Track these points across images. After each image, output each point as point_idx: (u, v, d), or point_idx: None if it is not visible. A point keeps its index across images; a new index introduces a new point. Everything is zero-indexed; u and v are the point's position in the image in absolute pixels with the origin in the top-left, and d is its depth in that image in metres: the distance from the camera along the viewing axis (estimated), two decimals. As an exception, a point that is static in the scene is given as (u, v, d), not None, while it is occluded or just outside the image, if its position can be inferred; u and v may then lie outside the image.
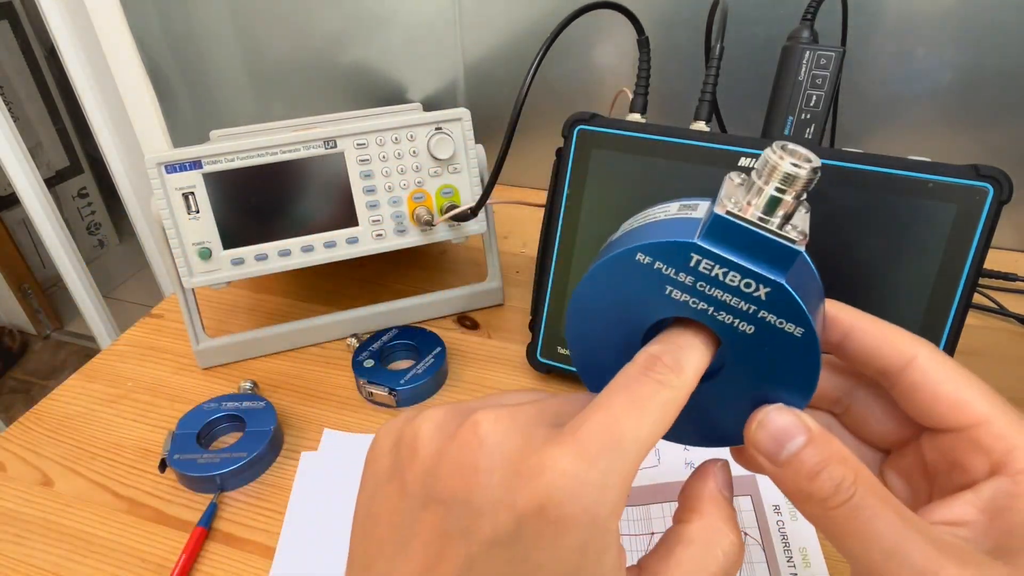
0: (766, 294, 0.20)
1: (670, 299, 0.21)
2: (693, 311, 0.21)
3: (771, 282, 0.19)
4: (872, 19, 0.61)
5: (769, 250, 0.19)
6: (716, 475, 0.22)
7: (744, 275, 0.20)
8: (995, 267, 0.60)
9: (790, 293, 0.19)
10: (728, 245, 0.20)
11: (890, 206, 0.39)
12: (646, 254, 0.21)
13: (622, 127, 0.44)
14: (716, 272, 0.20)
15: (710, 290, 0.20)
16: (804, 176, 0.19)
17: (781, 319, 0.20)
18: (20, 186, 1.11)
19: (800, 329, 0.20)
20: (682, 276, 0.20)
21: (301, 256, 0.52)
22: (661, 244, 0.20)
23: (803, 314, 0.20)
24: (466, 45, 0.76)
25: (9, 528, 0.43)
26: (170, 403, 0.52)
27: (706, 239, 0.20)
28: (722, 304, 0.20)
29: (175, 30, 0.87)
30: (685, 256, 0.20)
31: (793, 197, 0.19)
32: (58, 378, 1.70)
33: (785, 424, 0.20)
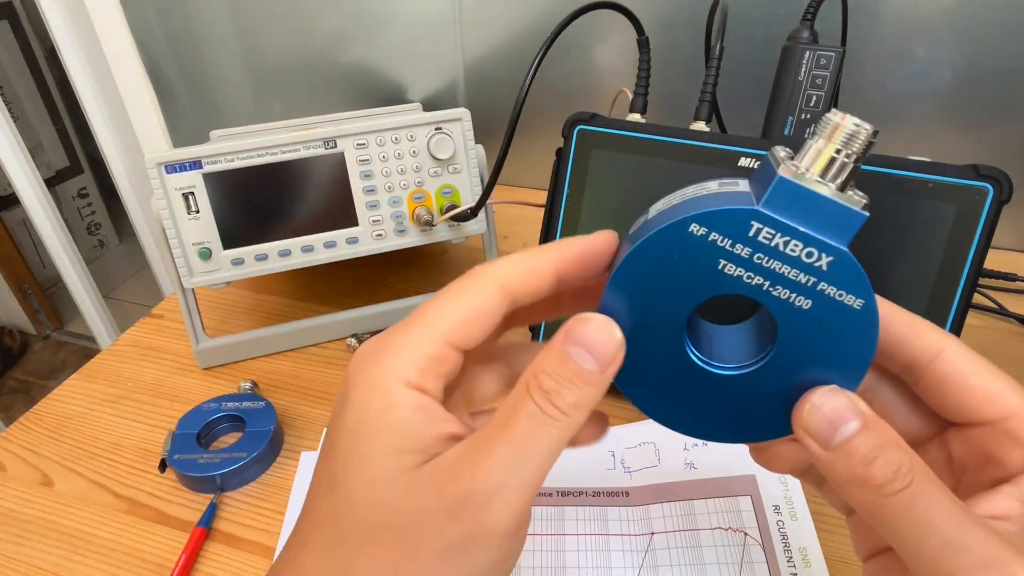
0: (828, 264, 0.18)
1: (723, 275, 0.19)
2: (748, 287, 0.19)
3: (836, 250, 0.18)
4: (872, 19, 0.61)
5: (833, 216, 0.18)
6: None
7: (807, 243, 0.18)
8: (995, 267, 0.60)
9: (855, 262, 0.18)
10: (791, 212, 0.18)
11: (890, 206, 0.39)
12: (701, 224, 0.19)
13: (622, 127, 0.44)
14: (777, 242, 0.19)
15: (768, 262, 0.19)
16: (864, 136, 0.18)
17: (842, 291, 0.19)
18: (20, 186, 1.11)
19: (860, 301, 0.19)
20: (739, 248, 0.19)
21: (301, 256, 0.52)
22: (719, 212, 0.19)
23: (866, 284, 0.19)
24: (466, 45, 0.76)
25: (9, 528, 0.43)
26: (170, 403, 0.52)
27: (769, 205, 0.18)
28: (779, 277, 0.19)
29: (175, 30, 0.87)
30: (745, 225, 0.19)
31: (852, 160, 0.18)
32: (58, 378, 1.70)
33: (839, 407, 0.19)
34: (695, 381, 0.21)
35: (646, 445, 0.44)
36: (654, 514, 0.40)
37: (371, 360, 0.21)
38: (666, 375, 0.21)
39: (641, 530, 0.39)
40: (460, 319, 0.21)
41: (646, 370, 0.21)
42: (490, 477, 0.19)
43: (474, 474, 0.19)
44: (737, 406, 0.21)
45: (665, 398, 0.22)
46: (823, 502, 0.41)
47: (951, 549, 0.18)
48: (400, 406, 0.20)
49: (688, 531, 0.39)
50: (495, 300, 0.21)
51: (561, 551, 0.38)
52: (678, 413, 0.22)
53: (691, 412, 0.22)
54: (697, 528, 0.39)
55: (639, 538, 0.39)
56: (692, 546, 0.38)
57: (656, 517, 0.40)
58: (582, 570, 0.37)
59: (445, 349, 0.21)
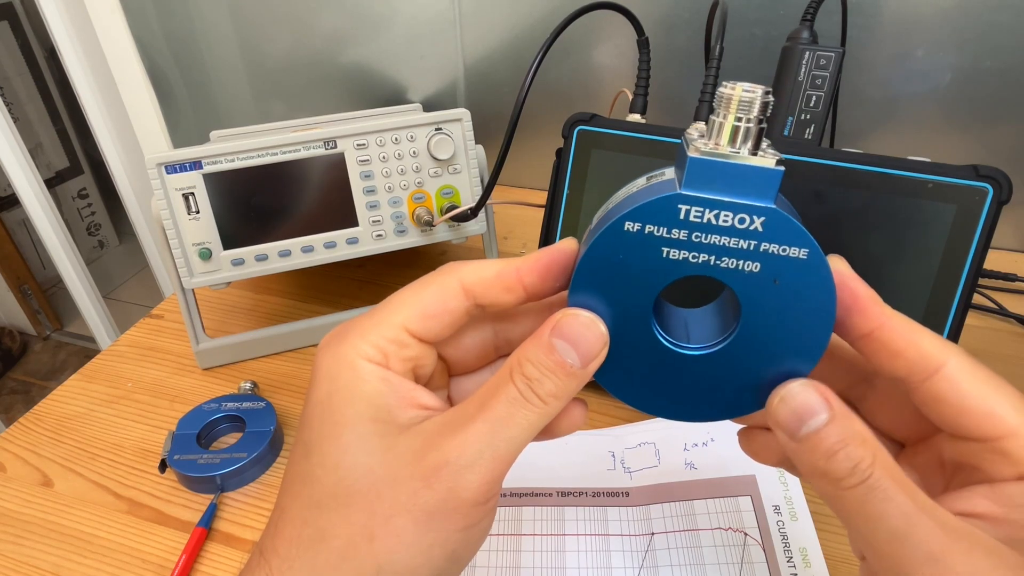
0: (762, 223, 0.19)
1: (670, 261, 0.20)
2: (694, 267, 0.20)
3: (764, 209, 0.19)
4: (872, 19, 0.61)
5: (752, 180, 0.19)
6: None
7: (736, 211, 0.19)
8: (995, 267, 0.60)
9: (786, 216, 0.19)
10: (712, 187, 0.19)
11: (890, 206, 0.39)
12: (634, 220, 0.20)
13: (622, 127, 0.44)
14: (708, 217, 0.19)
15: (707, 238, 0.20)
16: (759, 98, 0.19)
17: (783, 245, 0.20)
18: (20, 187, 1.11)
19: (804, 250, 0.19)
20: (675, 233, 0.20)
21: (301, 256, 0.52)
22: (646, 205, 0.20)
23: (802, 232, 0.19)
24: (466, 45, 0.76)
25: (9, 528, 0.43)
26: (170, 403, 0.52)
27: (689, 186, 0.19)
28: (722, 249, 0.20)
29: (175, 30, 0.87)
30: (673, 209, 0.20)
31: (755, 124, 0.19)
32: (58, 379, 1.70)
33: (808, 400, 0.20)
34: (670, 366, 0.22)
35: (646, 445, 0.44)
36: (654, 514, 0.40)
37: (336, 340, 0.22)
38: (641, 364, 0.22)
39: (641, 530, 0.39)
40: (420, 310, 0.22)
41: (621, 363, 0.22)
42: (466, 449, 0.20)
43: (450, 445, 0.20)
44: (715, 384, 0.22)
45: (643, 386, 0.23)
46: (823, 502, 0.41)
47: (898, 542, 0.19)
48: (368, 379, 0.21)
49: (688, 531, 0.39)
50: (455, 299, 0.22)
51: (561, 551, 0.38)
52: (657, 398, 0.23)
53: (669, 396, 0.23)
54: (697, 528, 0.39)
55: (639, 538, 0.39)
56: (692, 546, 0.38)
57: (656, 517, 0.40)
58: (582, 570, 0.37)
59: (405, 335, 0.22)
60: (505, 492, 0.42)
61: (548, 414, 0.21)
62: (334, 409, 0.21)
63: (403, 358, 0.22)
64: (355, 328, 0.22)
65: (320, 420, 0.21)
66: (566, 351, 0.21)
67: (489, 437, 0.20)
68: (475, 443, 0.20)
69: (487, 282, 0.22)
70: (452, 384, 0.26)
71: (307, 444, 0.21)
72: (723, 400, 0.22)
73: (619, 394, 0.23)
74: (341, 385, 0.21)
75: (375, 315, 0.22)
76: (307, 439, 0.21)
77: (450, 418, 0.21)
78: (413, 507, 0.20)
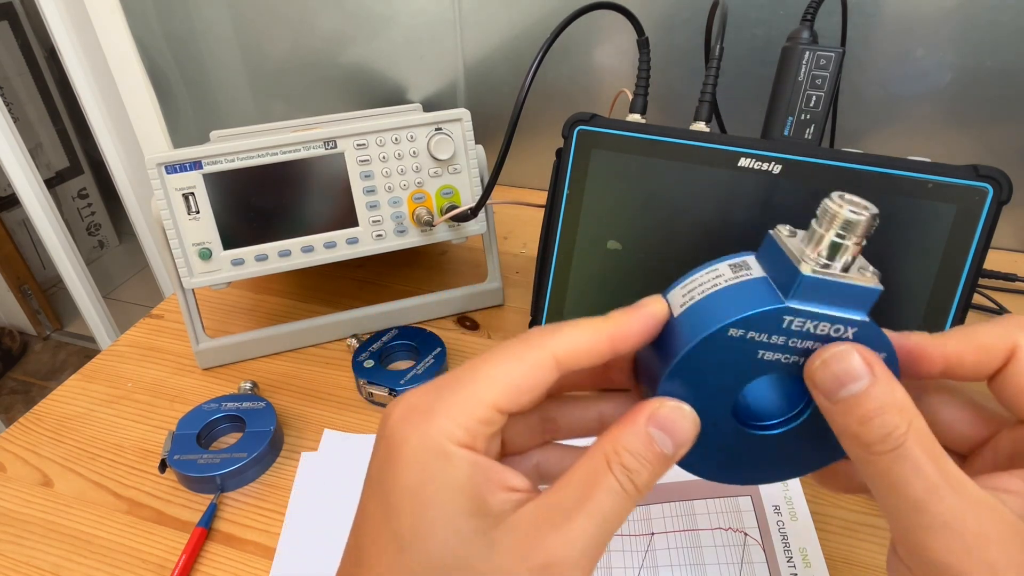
0: (854, 334, 0.21)
1: (763, 362, 0.21)
2: (785, 367, 0.21)
3: (859, 323, 0.20)
4: (872, 20, 0.61)
5: (854, 295, 0.20)
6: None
7: (834, 322, 0.21)
8: (995, 267, 0.60)
9: (876, 328, 0.21)
10: (816, 300, 0.20)
11: (890, 206, 0.39)
12: (739, 328, 0.21)
13: (622, 127, 0.44)
14: (808, 327, 0.21)
15: (802, 343, 0.21)
16: (865, 222, 0.20)
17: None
18: (20, 187, 1.11)
19: (883, 354, 0.21)
20: (775, 338, 0.21)
21: (301, 256, 0.52)
22: (754, 316, 0.21)
23: (885, 340, 0.21)
24: (466, 45, 0.76)
25: (9, 528, 0.43)
26: (170, 403, 0.52)
27: (796, 300, 0.20)
28: (811, 351, 0.21)
29: (175, 30, 0.87)
30: (778, 320, 0.21)
31: (854, 243, 0.20)
32: (58, 379, 1.70)
33: (849, 367, 0.20)
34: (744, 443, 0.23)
35: (646, 445, 0.44)
36: (654, 514, 0.40)
37: (421, 419, 0.21)
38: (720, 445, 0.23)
39: (641, 530, 0.39)
40: (513, 387, 0.21)
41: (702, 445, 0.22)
42: (573, 546, 0.20)
43: (556, 543, 0.20)
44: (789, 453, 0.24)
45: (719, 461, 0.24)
46: (823, 502, 0.41)
47: (917, 513, 0.19)
48: (459, 465, 0.20)
49: (688, 531, 0.39)
50: (548, 371, 0.21)
51: (561, 551, 0.38)
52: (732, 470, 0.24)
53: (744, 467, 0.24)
54: (697, 528, 0.39)
55: (639, 538, 0.39)
56: (692, 546, 0.38)
57: (656, 517, 0.40)
58: (582, 570, 0.37)
59: (494, 414, 0.21)
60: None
61: (639, 501, 0.21)
62: (427, 500, 0.20)
63: (488, 435, 0.21)
64: (441, 406, 0.21)
65: (411, 511, 0.20)
66: (663, 441, 0.21)
67: (593, 531, 0.20)
68: (581, 539, 0.20)
69: (579, 353, 0.22)
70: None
71: (398, 535, 0.20)
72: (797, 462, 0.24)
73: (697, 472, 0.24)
74: (432, 474, 0.20)
75: (461, 390, 0.21)
76: (396, 529, 0.20)
77: (551, 510, 0.20)
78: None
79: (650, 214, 0.44)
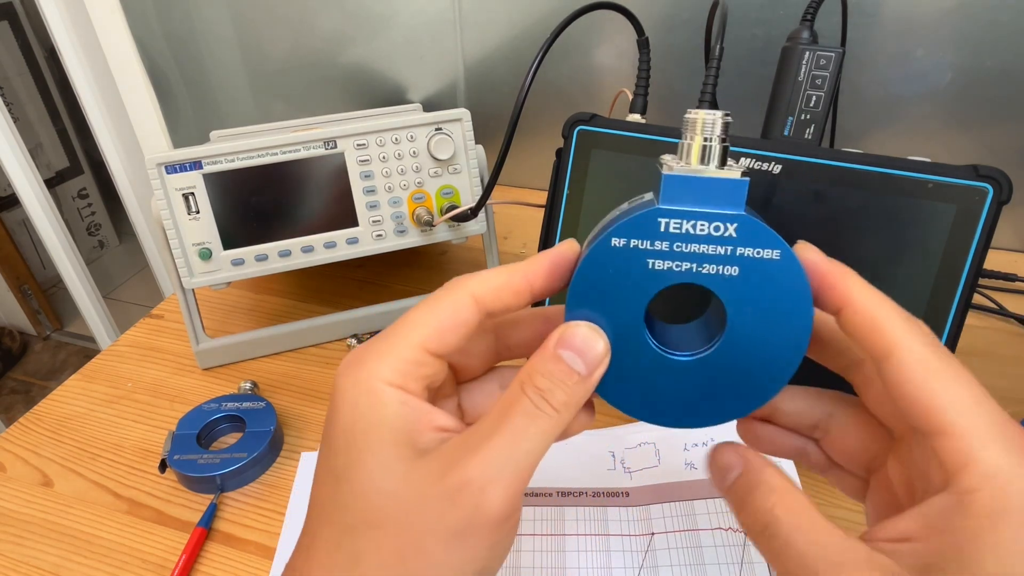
0: (735, 229, 0.21)
1: (655, 271, 0.22)
2: (679, 275, 0.22)
3: (735, 216, 0.21)
4: (872, 19, 0.61)
5: (722, 191, 0.21)
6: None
7: (711, 220, 0.21)
8: (995, 267, 0.60)
9: (756, 221, 0.21)
10: (686, 200, 0.21)
11: (890, 206, 0.39)
12: (619, 236, 0.22)
13: (622, 127, 0.44)
14: (686, 227, 0.21)
15: (687, 247, 0.22)
16: (720, 120, 0.22)
17: (758, 248, 0.21)
18: (20, 187, 1.11)
19: (777, 251, 0.21)
20: (658, 244, 0.22)
21: (301, 256, 0.52)
22: (629, 220, 0.22)
23: (774, 236, 0.21)
24: (466, 45, 0.76)
25: (9, 528, 0.43)
26: (170, 403, 0.52)
27: (666, 201, 0.21)
28: (702, 257, 0.22)
29: (175, 30, 0.87)
30: (653, 223, 0.21)
31: (718, 142, 0.22)
32: (58, 379, 1.70)
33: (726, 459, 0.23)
34: (665, 374, 0.23)
35: (646, 445, 0.44)
36: (654, 514, 0.40)
37: (355, 366, 0.22)
38: (637, 374, 0.23)
39: (641, 530, 0.39)
40: (435, 328, 0.22)
41: (619, 373, 0.23)
42: (487, 465, 0.20)
43: (471, 463, 0.20)
44: (708, 390, 0.23)
45: (640, 395, 0.24)
46: (823, 502, 0.41)
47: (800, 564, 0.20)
48: (387, 403, 0.21)
49: (688, 531, 0.39)
50: (468, 311, 0.23)
51: (561, 551, 0.38)
52: (653, 407, 0.24)
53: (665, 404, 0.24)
54: (697, 528, 0.39)
55: (639, 538, 0.39)
56: (692, 546, 0.38)
57: (656, 517, 0.40)
58: (582, 570, 0.37)
59: (422, 354, 0.22)
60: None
61: (561, 422, 0.22)
62: (357, 436, 0.21)
63: (419, 376, 0.22)
64: (372, 352, 0.22)
65: (345, 447, 0.21)
66: (573, 360, 0.22)
67: (508, 451, 0.21)
68: (495, 459, 0.20)
69: (496, 290, 0.23)
70: (461, 391, 0.26)
71: (334, 471, 0.22)
72: (719, 404, 0.23)
73: (618, 404, 0.24)
74: (362, 412, 0.21)
75: (391, 337, 0.22)
76: (333, 465, 0.22)
77: (468, 437, 0.21)
78: (440, 528, 0.20)
79: (650, 214, 0.44)
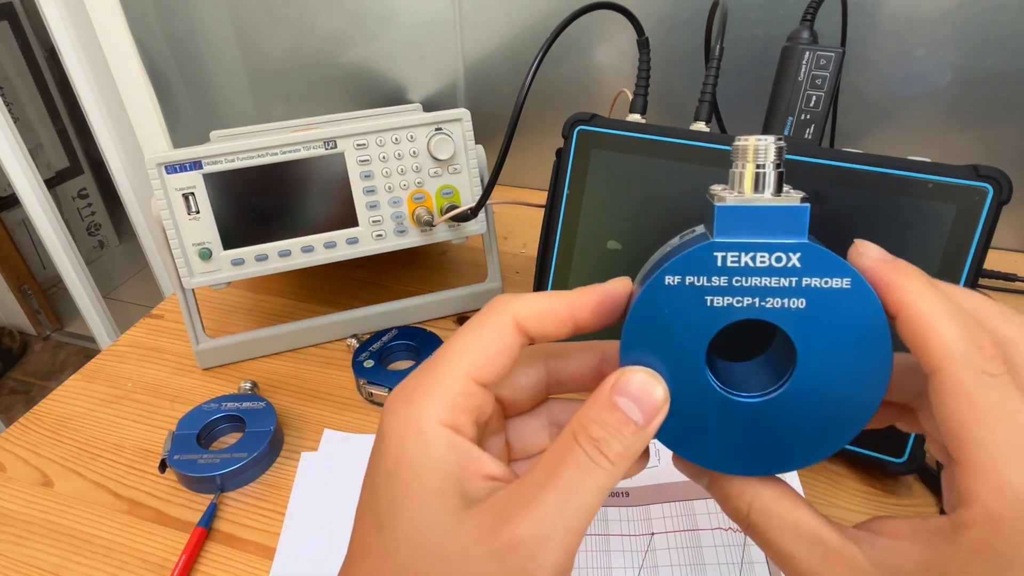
0: (799, 259, 0.19)
1: (714, 308, 0.20)
2: (740, 311, 0.20)
3: (797, 245, 0.19)
4: (872, 20, 0.61)
5: (780, 219, 0.19)
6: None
7: (771, 250, 0.20)
8: (995, 267, 0.60)
9: (822, 248, 0.19)
10: (742, 231, 0.20)
11: (890, 206, 0.39)
12: (673, 274, 0.20)
13: (622, 127, 0.44)
14: (744, 260, 0.20)
15: (747, 281, 0.20)
16: (772, 144, 0.20)
17: (825, 277, 0.19)
18: (20, 187, 1.11)
19: (847, 280, 0.19)
20: (716, 280, 0.20)
21: (301, 256, 0.52)
22: (682, 257, 0.20)
23: (842, 264, 0.19)
24: (466, 45, 0.76)
25: (9, 528, 0.43)
26: (170, 403, 0.52)
27: (721, 233, 0.20)
28: (764, 290, 0.20)
29: (175, 30, 0.87)
30: (709, 258, 0.20)
31: (773, 168, 0.20)
32: (58, 379, 1.70)
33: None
34: (731, 417, 0.21)
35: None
36: (654, 514, 0.40)
37: (402, 402, 0.21)
38: (701, 418, 0.21)
39: (641, 530, 0.39)
40: (481, 355, 0.21)
41: (681, 418, 0.21)
42: (539, 524, 0.19)
43: (523, 521, 0.19)
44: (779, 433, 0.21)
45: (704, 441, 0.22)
46: (823, 502, 0.41)
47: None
48: (435, 445, 0.20)
49: (688, 531, 0.39)
50: (511, 334, 0.22)
51: (561, 551, 0.38)
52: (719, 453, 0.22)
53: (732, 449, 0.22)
54: (697, 528, 0.39)
55: (639, 538, 0.39)
56: (692, 546, 0.38)
57: (656, 517, 0.40)
58: (582, 570, 0.37)
59: (470, 385, 0.21)
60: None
61: (617, 476, 0.20)
62: (402, 482, 0.20)
63: (469, 409, 0.21)
64: (421, 388, 0.21)
65: (388, 491, 0.21)
66: (629, 408, 0.20)
67: (562, 507, 0.19)
68: (548, 516, 0.19)
69: (539, 315, 0.22)
70: (509, 426, 0.26)
71: (378, 515, 0.21)
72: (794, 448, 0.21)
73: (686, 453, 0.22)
74: (409, 454, 0.20)
75: (437, 368, 0.21)
76: (377, 509, 0.21)
77: (519, 490, 0.20)
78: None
79: (650, 214, 0.44)
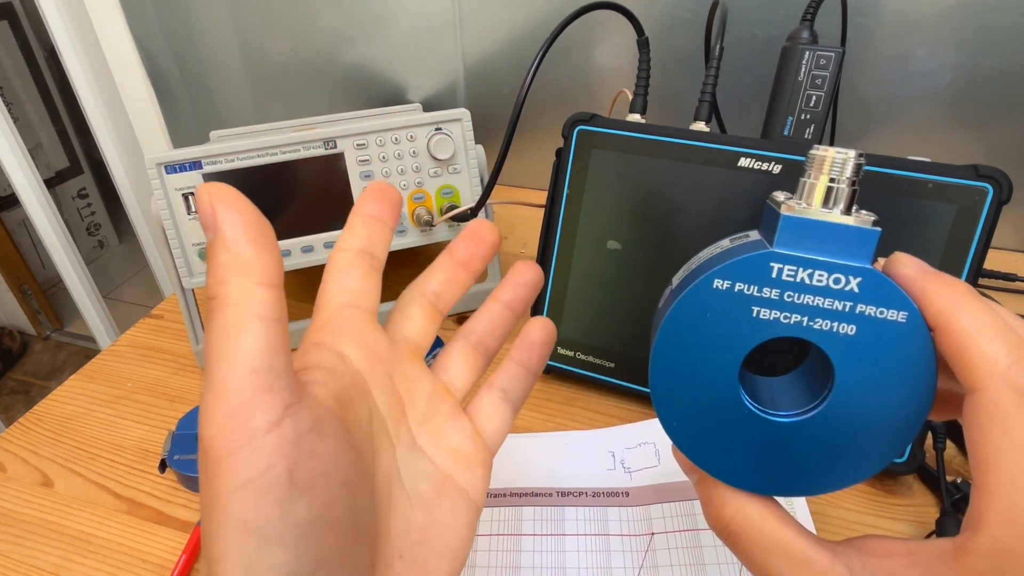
0: (859, 284, 0.18)
1: (760, 321, 0.19)
2: (786, 328, 0.19)
3: (860, 269, 0.18)
4: (872, 19, 0.61)
5: (847, 240, 0.18)
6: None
7: (831, 270, 0.18)
8: (995, 267, 0.60)
9: (883, 277, 0.18)
10: (805, 245, 0.19)
11: (890, 206, 0.39)
12: (724, 278, 0.19)
13: (622, 127, 0.44)
14: (801, 276, 0.19)
15: (800, 298, 0.19)
16: (852, 160, 0.19)
17: (881, 307, 0.18)
18: (20, 187, 1.11)
19: (904, 313, 0.18)
20: (767, 291, 0.19)
21: (301, 256, 0.52)
22: (737, 262, 0.19)
23: (902, 296, 0.18)
24: (466, 45, 0.76)
25: (9, 528, 0.43)
26: (170, 403, 0.52)
27: (781, 244, 0.19)
28: (815, 310, 0.19)
29: (175, 30, 0.87)
30: (765, 267, 0.19)
31: (847, 185, 0.19)
32: (58, 379, 1.70)
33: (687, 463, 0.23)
34: (759, 435, 0.21)
35: (646, 445, 0.44)
36: (654, 514, 0.40)
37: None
38: (728, 434, 0.21)
39: (641, 530, 0.39)
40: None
41: (708, 432, 0.21)
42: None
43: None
44: (807, 456, 0.20)
45: (730, 457, 0.21)
46: (823, 501, 0.41)
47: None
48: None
49: (688, 531, 0.39)
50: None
51: (561, 551, 0.38)
52: (743, 470, 0.21)
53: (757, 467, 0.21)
54: (697, 528, 0.39)
55: (639, 538, 0.39)
56: (692, 546, 0.38)
57: (656, 517, 0.40)
58: (582, 570, 0.37)
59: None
60: (505, 492, 0.42)
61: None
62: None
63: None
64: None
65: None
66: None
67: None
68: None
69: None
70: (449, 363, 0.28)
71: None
72: (827, 471, 0.20)
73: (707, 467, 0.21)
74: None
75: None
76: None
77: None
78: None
79: (650, 214, 0.44)
